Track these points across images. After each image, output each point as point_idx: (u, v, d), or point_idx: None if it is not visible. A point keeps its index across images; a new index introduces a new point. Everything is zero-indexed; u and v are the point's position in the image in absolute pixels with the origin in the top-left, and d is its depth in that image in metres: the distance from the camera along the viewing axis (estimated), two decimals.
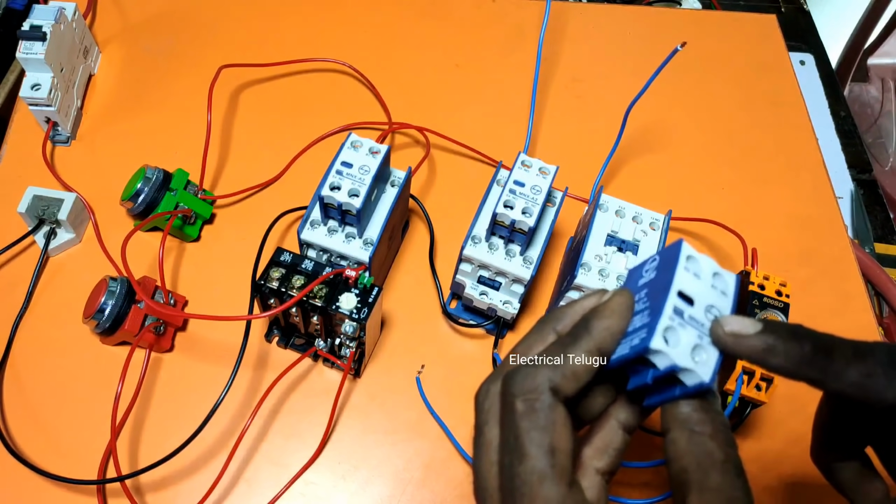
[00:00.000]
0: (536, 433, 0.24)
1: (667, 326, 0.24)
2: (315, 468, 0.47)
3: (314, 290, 0.43)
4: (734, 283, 0.26)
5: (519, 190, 0.44)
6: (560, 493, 0.23)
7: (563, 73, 0.69)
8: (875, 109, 0.94)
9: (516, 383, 0.25)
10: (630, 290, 0.27)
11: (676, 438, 0.24)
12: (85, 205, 0.55)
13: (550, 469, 0.23)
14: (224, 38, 0.68)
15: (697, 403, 0.24)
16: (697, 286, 0.25)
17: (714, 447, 0.24)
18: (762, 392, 0.42)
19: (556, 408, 0.24)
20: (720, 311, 0.25)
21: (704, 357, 0.24)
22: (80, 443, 0.47)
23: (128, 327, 0.47)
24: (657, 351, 0.24)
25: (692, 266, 0.26)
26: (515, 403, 0.24)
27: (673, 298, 0.24)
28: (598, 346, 0.25)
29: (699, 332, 0.25)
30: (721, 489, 0.23)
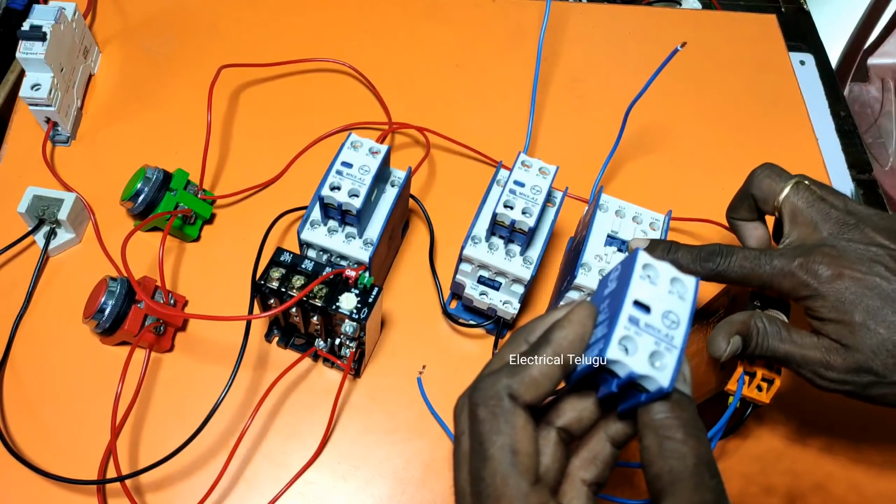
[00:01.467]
0: (497, 436, 0.25)
1: (622, 336, 0.25)
2: (315, 468, 0.47)
3: (314, 290, 0.43)
4: (693, 287, 0.27)
5: (519, 190, 0.44)
6: (522, 492, 0.24)
7: (563, 73, 0.69)
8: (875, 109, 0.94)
9: (478, 392, 0.26)
10: (594, 301, 0.28)
11: (649, 445, 0.25)
12: (85, 205, 0.55)
13: (512, 468, 0.24)
14: (224, 38, 0.68)
15: (668, 408, 0.25)
16: (654, 293, 0.26)
17: (686, 451, 0.24)
18: (763, 392, 0.42)
19: (516, 412, 0.25)
20: (678, 317, 0.26)
21: (663, 363, 0.25)
22: (80, 443, 0.47)
23: (128, 327, 0.47)
24: (614, 360, 0.25)
25: (650, 274, 0.26)
26: (478, 411, 0.26)
27: (628, 308, 0.25)
28: (555, 353, 0.26)
29: (657, 338, 0.25)
30: (693, 492, 0.24)
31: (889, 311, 0.34)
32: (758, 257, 0.37)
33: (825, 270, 0.35)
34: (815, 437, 0.50)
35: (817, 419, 0.51)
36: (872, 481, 0.49)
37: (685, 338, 0.26)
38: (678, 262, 0.39)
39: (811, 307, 0.36)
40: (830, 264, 0.35)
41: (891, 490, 0.48)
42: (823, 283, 0.35)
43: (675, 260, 0.39)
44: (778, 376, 0.41)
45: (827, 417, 0.51)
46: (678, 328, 0.26)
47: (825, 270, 0.35)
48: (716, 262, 0.38)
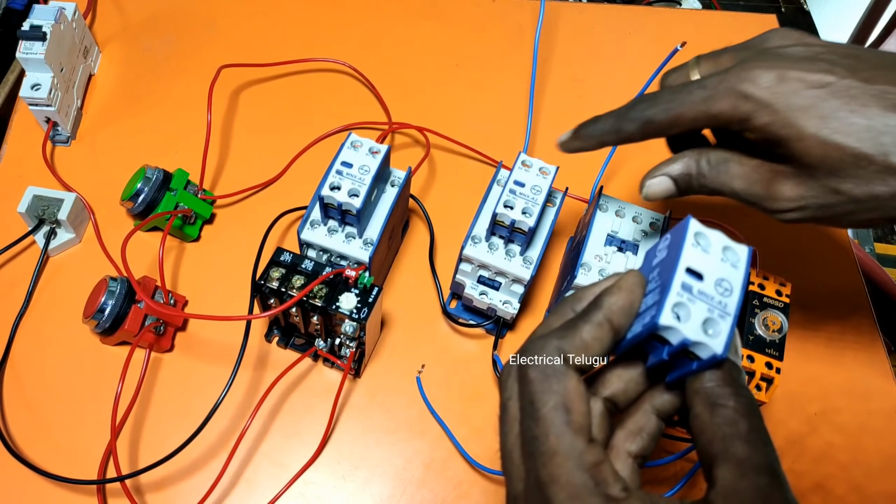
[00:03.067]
0: (549, 396, 0.24)
1: (676, 303, 0.25)
2: (315, 468, 0.47)
3: (314, 290, 0.43)
4: (746, 256, 0.26)
5: (519, 190, 0.44)
6: (577, 448, 0.24)
7: (563, 72, 0.69)
8: None
9: (528, 351, 0.26)
10: (643, 270, 0.28)
11: (700, 413, 0.25)
12: (85, 205, 0.55)
13: (565, 426, 0.24)
14: (224, 38, 0.68)
15: (719, 377, 0.25)
16: (706, 261, 0.26)
17: (738, 418, 0.24)
18: (762, 392, 0.42)
19: (568, 373, 0.25)
20: (731, 285, 0.25)
21: (716, 330, 0.25)
22: (80, 443, 0.47)
23: (128, 327, 0.47)
24: (667, 327, 0.24)
25: (701, 242, 0.26)
26: (529, 372, 0.25)
27: (681, 275, 0.25)
28: (606, 318, 0.26)
29: (710, 305, 0.25)
30: (748, 458, 0.23)
31: (846, 111, 0.29)
32: (685, 86, 0.33)
33: (765, 74, 0.30)
34: (815, 437, 0.50)
35: (817, 419, 0.51)
36: (872, 481, 0.49)
37: (739, 305, 0.25)
38: (603, 128, 0.37)
39: (756, 126, 0.31)
40: (771, 67, 0.30)
41: (891, 490, 0.48)
42: (765, 88, 0.30)
43: (601, 128, 0.37)
44: (777, 376, 0.41)
45: (827, 417, 0.51)
46: (731, 296, 0.25)
47: (765, 74, 0.30)
48: (641, 108, 0.34)
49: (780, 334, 0.42)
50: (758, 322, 0.43)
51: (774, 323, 0.42)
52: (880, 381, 0.52)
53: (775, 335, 0.42)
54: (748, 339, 0.42)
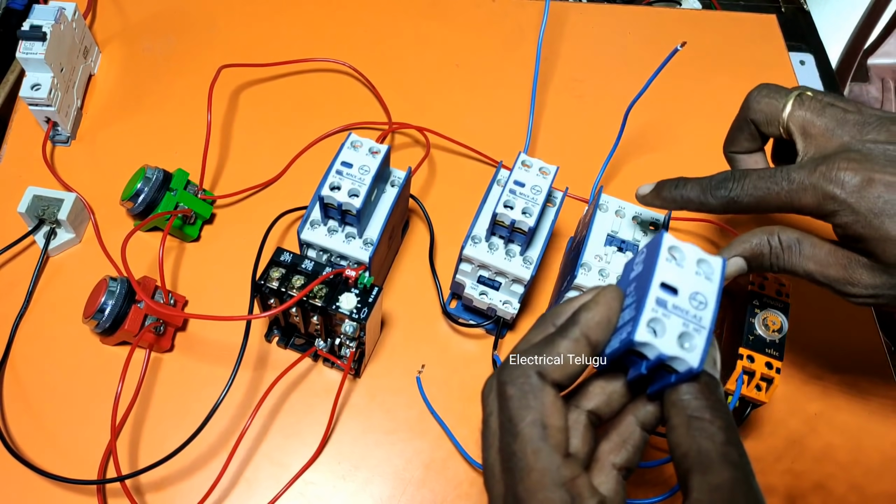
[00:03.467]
0: (526, 412, 0.25)
1: (651, 318, 0.25)
2: (315, 468, 0.47)
3: (314, 290, 0.43)
4: (720, 268, 0.26)
5: (519, 190, 0.44)
6: (554, 463, 0.24)
7: (563, 72, 0.69)
8: None
9: (506, 371, 0.26)
10: (620, 285, 0.28)
11: (677, 425, 0.25)
12: (85, 205, 0.55)
13: (542, 442, 0.24)
14: (224, 38, 0.68)
15: (696, 390, 0.25)
16: (681, 275, 0.26)
17: (714, 431, 0.24)
18: (762, 392, 0.42)
19: (545, 389, 0.25)
20: (706, 298, 0.26)
21: (692, 343, 0.25)
22: (80, 443, 0.47)
23: (128, 327, 0.47)
24: (643, 343, 0.25)
25: (676, 255, 0.26)
26: (506, 389, 0.26)
27: (655, 290, 0.25)
28: (583, 334, 0.26)
29: (685, 319, 0.25)
30: (722, 470, 0.24)
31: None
32: (773, 174, 0.33)
33: (851, 177, 0.31)
34: (815, 437, 0.50)
35: (817, 419, 0.51)
36: (873, 481, 0.49)
37: (714, 318, 0.26)
38: (687, 196, 0.37)
39: (840, 223, 0.32)
40: (857, 170, 0.31)
41: (891, 490, 0.48)
42: (851, 192, 0.31)
43: (684, 195, 0.37)
44: (777, 376, 0.41)
45: (827, 417, 0.51)
46: (706, 309, 0.26)
47: (851, 177, 0.31)
48: (727, 187, 0.35)
49: (780, 334, 0.42)
50: (758, 322, 0.43)
51: (774, 323, 0.42)
52: (880, 381, 0.52)
53: (775, 335, 0.42)
54: (748, 339, 0.42)
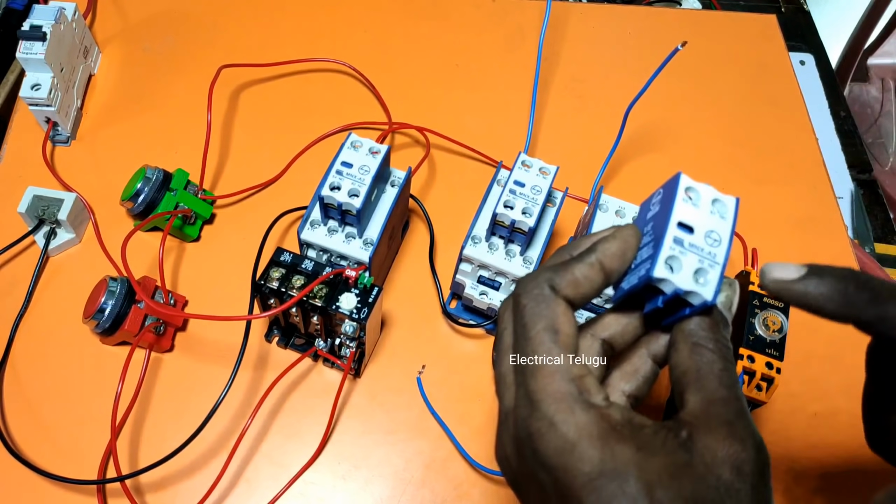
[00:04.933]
0: (539, 318, 0.26)
1: (668, 256, 0.27)
2: (315, 468, 0.47)
3: (314, 290, 0.43)
4: (733, 206, 0.28)
5: (519, 190, 0.44)
6: (564, 361, 0.26)
7: (563, 73, 0.69)
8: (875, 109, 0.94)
9: (522, 285, 0.28)
10: (637, 223, 0.29)
11: (681, 348, 0.27)
12: (85, 205, 0.55)
13: (554, 344, 0.26)
14: (224, 38, 0.68)
15: (706, 324, 0.27)
16: (697, 215, 0.27)
17: (714, 359, 0.26)
18: (762, 392, 0.42)
19: (556, 300, 0.27)
20: (720, 236, 0.27)
21: (707, 278, 0.27)
22: (80, 443, 0.47)
23: (128, 327, 0.47)
24: (661, 279, 0.26)
25: (691, 196, 0.28)
26: (521, 300, 0.27)
27: (673, 229, 0.27)
28: (599, 260, 0.27)
29: (700, 256, 0.27)
30: (718, 389, 0.25)
31: None
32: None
33: None
34: (815, 437, 0.50)
35: (817, 419, 0.51)
36: (873, 482, 0.49)
37: (727, 254, 0.27)
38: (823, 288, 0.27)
39: None
40: None
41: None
42: None
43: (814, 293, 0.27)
44: (778, 376, 0.41)
45: (827, 418, 0.51)
46: (720, 246, 0.27)
47: None
48: None
49: (780, 334, 0.42)
50: (758, 322, 0.43)
51: (774, 323, 0.43)
52: None
53: (775, 335, 0.42)
54: (748, 339, 0.42)
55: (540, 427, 0.25)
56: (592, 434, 0.24)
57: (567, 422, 0.24)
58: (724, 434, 0.23)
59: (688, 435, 0.24)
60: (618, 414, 0.25)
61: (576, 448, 0.24)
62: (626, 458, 0.23)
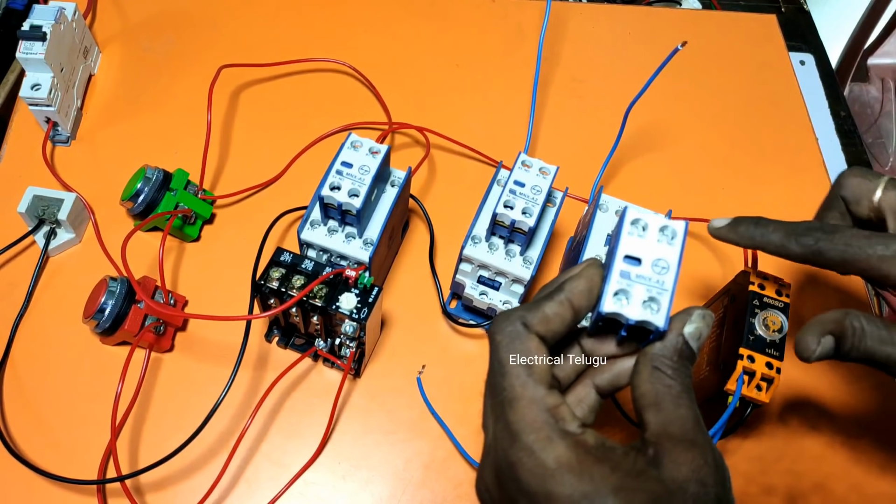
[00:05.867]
0: (513, 354, 0.28)
1: (617, 290, 0.28)
2: (315, 468, 0.47)
3: (314, 290, 0.43)
4: (682, 230, 0.29)
5: (519, 190, 0.44)
6: (539, 393, 0.27)
7: (563, 73, 0.69)
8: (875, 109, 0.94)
9: (496, 322, 0.29)
10: (605, 261, 0.31)
11: (641, 371, 0.28)
12: (85, 205, 0.55)
13: (528, 377, 0.27)
14: (224, 38, 0.68)
15: (668, 350, 0.28)
16: (643, 245, 0.29)
17: (671, 384, 0.27)
18: (762, 392, 0.42)
19: (529, 335, 0.28)
20: (668, 262, 0.29)
21: (658, 306, 0.28)
22: (80, 443, 0.47)
23: (128, 327, 0.47)
24: (612, 312, 0.28)
25: (638, 226, 0.29)
26: (496, 337, 0.29)
27: (619, 263, 0.28)
28: (567, 298, 0.29)
29: (647, 286, 0.28)
30: (675, 409, 0.27)
31: None
32: (868, 238, 0.34)
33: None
34: (815, 437, 0.50)
35: (817, 419, 0.51)
36: (873, 482, 0.49)
37: (675, 279, 0.28)
38: (767, 237, 0.36)
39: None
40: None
41: (891, 490, 0.48)
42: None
43: (764, 236, 0.37)
44: (778, 376, 0.41)
45: (827, 417, 0.51)
46: (668, 272, 0.28)
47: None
48: (815, 237, 0.35)
49: (780, 334, 0.42)
50: (758, 322, 0.43)
51: (774, 323, 0.42)
52: (880, 381, 0.52)
53: (775, 335, 0.42)
54: (749, 339, 0.42)
55: (521, 456, 0.26)
56: (571, 459, 0.25)
57: (545, 449, 0.25)
58: (686, 451, 0.25)
59: (654, 453, 0.26)
60: (592, 439, 0.26)
61: (555, 474, 0.25)
62: (602, 479, 0.25)
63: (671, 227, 0.29)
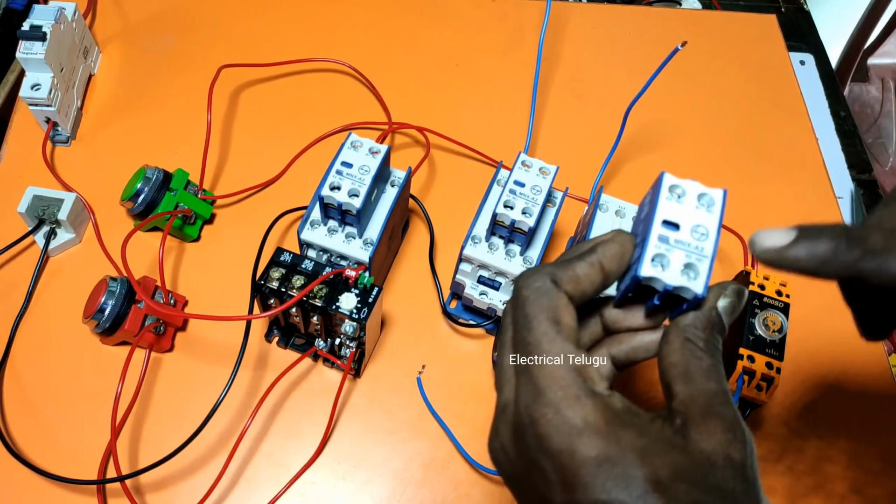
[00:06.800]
0: (540, 309, 0.27)
1: (655, 254, 0.27)
2: (315, 468, 0.47)
3: (314, 290, 0.43)
4: (720, 199, 0.28)
5: (519, 190, 0.44)
6: (567, 351, 0.26)
7: (563, 73, 0.69)
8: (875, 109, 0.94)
9: (523, 277, 0.28)
10: (634, 226, 0.30)
11: (671, 341, 0.27)
12: (85, 205, 0.55)
13: (556, 334, 0.26)
14: (224, 38, 0.68)
15: (700, 322, 0.27)
16: (682, 211, 0.28)
17: (702, 356, 0.26)
18: (762, 392, 0.42)
19: (558, 292, 0.27)
20: (707, 228, 0.28)
21: (696, 272, 0.27)
22: (80, 443, 0.47)
23: (128, 327, 0.47)
24: (649, 277, 0.27)
25: (676, 193, 0.28)
26: (523, 292, 0.28)
27: (657, 228, 0.27)
28: (599, 261, 0.28)
29: (687, 252, 0.27)
30: (706, 381, 0.26)
31: None
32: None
33: None
34: (815, 438, 0.50)
35: (817, 419, 0.51)
36: (873, 482, 0.49)
37: (715, 246, 0.27)
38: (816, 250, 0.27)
39: None
40: None
41: (891, 490, 0.48)
42: None
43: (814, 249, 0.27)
44: (778, 376, 0.41)
45: (827, 418, 0.51)
46: (707, 239, 0.27)
47: None
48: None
49: (780, 334, 0.42)
50: (758, 322, 0.43)
51: (774, 323, 0.43)
52: (880, 381, 0.52)
53: (775, 335, 0.42)
54: (748, 339, 0.42)
55: (545, 413, 0.25)
56: (598, 420, 0.25)
57: (573, 408, 0.25)
58: (715, 424, 0.25)
59: (681, 423, 0.25)
60: (618, 402, 0.26)
61: (582, 433, 0.24)
62: (629, 443, 0.24)
63: (709, 194, 0.28)
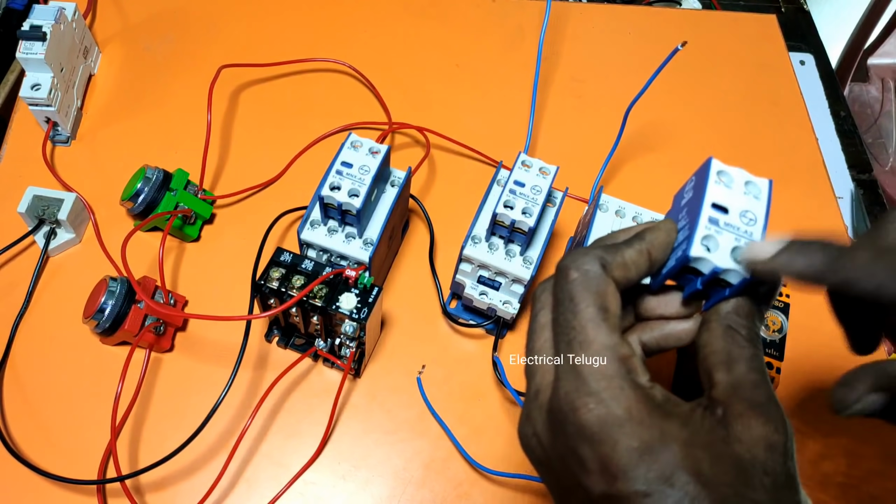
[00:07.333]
0: (588, 294, 0.26)
1: (704, 235, 0.27)
2: (315, 468, 0.47)
3: (314, 290, 0.43)
4: (767, 187, 0.28)
5: (519, 190, 0.44)
6: (613, 341, 0.26)
7: (563, 73, 0.69)
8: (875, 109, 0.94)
9: (572, 257, 0.27)
10: (671, 215, 0.30)
11: (713, 328, 0.27)
12: (85, 205, 0.55)
13: (603, 322, 0.26)
14: (224, 38, 0.68)
15: (742, 310, 0.27)
16: (730, 196, 0.27)
17: (744, 344, 0.26)
18: None
19: (607, 279, 0.27)
20: (755, 214, 0.27)
21: None
22: (80, 443, 0.47)
23: (128, 327, 0.47)
24: (698, 258, 0.26)
25: (723, 179, 0.28)
26: (570, 273, 0.27)
27: (707, 210, 0.27)
28: (647, 248, 0.28)
29: (736, 235, 0.27)
30: (748, 371, 0.25)
31: None
32: None
33: None
34: (815, 438, 0.50)
35: (817, 420, 0.51)
36: (873, 481, 0.49)
37: (764, 232, 0.27)
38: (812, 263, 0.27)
39: None
40: None
41: (891, 490, 0.48)
42: None
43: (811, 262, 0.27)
44: (778, 376, 0.41)
45: (827, 417, 0.51)
46: (756, 224, 0.27)
47: None
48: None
49: (780, 334, 0.42)
50: None
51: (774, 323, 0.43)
52: None
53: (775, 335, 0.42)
54: None
55: (587, 402, 0.25)
56: (641, 412, 0.24)
57: (617, 398, 0.25)
58: (758, 415, 0.24)
59: (723, 414, 0.25)
60: (659, 394, 0.26)
61: (625, 424, 0.24)
62: (673, 435, 0.24)
63: (756, 183, 0.28)
